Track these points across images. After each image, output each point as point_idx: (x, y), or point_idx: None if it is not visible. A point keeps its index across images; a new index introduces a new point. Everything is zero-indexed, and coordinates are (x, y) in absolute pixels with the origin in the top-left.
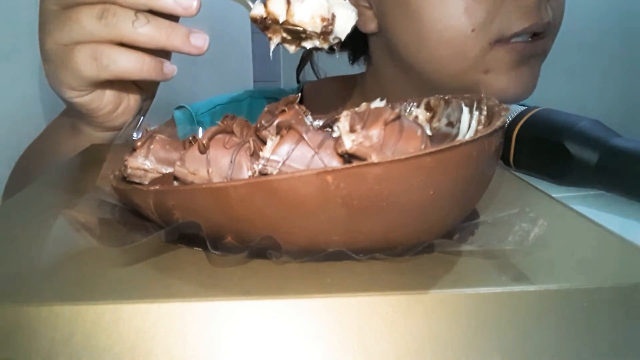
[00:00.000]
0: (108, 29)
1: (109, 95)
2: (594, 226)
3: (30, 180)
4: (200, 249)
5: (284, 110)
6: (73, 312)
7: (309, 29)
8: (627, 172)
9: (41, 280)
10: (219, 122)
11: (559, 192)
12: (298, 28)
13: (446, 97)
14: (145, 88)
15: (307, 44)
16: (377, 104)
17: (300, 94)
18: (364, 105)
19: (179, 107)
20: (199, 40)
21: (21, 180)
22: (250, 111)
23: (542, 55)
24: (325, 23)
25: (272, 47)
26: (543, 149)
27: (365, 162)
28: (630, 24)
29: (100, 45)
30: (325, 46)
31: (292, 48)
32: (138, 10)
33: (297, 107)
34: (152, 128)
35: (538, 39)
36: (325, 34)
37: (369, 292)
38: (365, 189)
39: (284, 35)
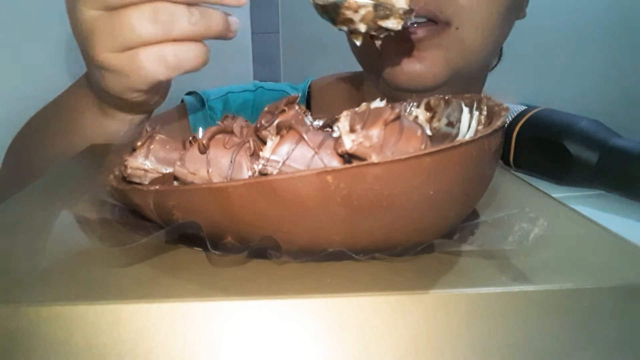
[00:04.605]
0: (165, 30)
1: (163, 86)
2: (594, 226)
3: (38, 154)
4: (200, 249)
5: (284, 110)
6: (73, 312)
7: (401, 2)
8: (627, 172)
9: (41, 280)
10: (219, 122)
11: (559, 192)
12: (389, 4)
13: (446, 97)
14: None
15: (386, 23)
16: (377, 104)
17: (307, 91)
18: (364, 105)
19: (190, 93)
20: (234, 25)
21: (25, 153)
22: (261, 103)
23: (440, 45)
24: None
25: (357, 20)
26: (543, 149)
27: (365, 162)
28: (630, 23)
29: (164, 46)
30: (399, 27)
31: (363, 26)
32: (188, 3)
33: (297, 107)
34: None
35: (431, 26)
36: (409, 12)
37: (369, 292)
38: (365, 189)
39: (370, 9)
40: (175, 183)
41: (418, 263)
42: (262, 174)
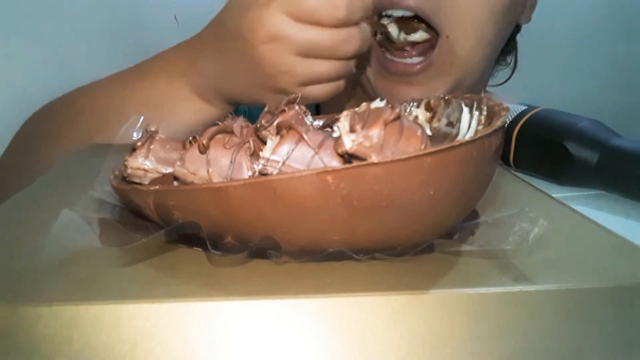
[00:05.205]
0: (346, 73)
1: None
2: (594, 226)
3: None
4: (200, 249)
5: (284, 110)
6: (73, 312)
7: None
8: (627, 172)
9: (41, 280)
10: (219, 122)
11: (559, 192)
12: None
13: (446, 97)
14: None
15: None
16: (377, 104)
17: None
18: (364, 105)
19: None
20: None
21: (56, 137)
22: None
23: (432, 73)
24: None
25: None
26: (543, 149)
27: (365, 162)
28: (630, 23)
29: (338, 82)
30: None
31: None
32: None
33: (297, 107)
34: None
35: (423, 55)
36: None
37: (369, 292)
38: (365, 189)
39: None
40: (175, 183)
41: (418, 263)
42: (262, 174)
